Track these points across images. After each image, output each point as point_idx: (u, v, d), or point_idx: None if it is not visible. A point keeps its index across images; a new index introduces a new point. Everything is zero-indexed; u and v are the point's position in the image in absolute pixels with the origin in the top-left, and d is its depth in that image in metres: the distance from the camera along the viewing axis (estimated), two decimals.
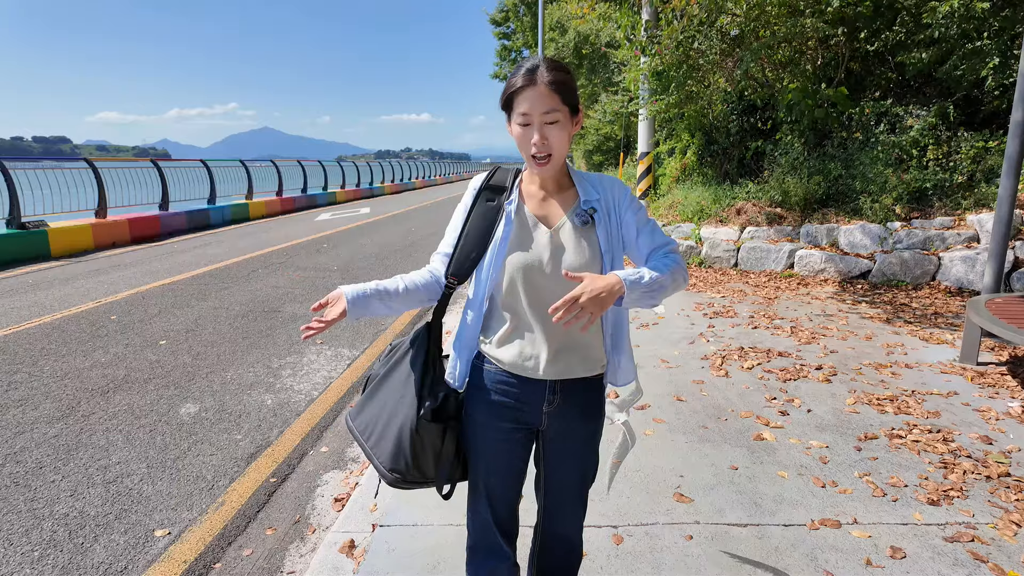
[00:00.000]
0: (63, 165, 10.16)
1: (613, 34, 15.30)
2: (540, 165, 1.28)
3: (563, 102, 1.24)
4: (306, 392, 3.75)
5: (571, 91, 1.26)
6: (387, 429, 1.38)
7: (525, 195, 1.38)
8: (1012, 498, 2.40)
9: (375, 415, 1.43)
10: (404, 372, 1.41)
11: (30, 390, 3.66)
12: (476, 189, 1.41)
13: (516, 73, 1.27)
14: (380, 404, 1.43)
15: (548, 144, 1.25)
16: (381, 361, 1.50)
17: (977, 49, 6.39)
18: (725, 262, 7.43)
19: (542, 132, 1.24)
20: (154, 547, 2.28)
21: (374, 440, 1.41)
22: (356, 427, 1.47)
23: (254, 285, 6.63)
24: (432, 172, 38.71)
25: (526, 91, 1.23)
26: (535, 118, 1.24)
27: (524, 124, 1.25)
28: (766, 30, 6.82)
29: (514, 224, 1.33)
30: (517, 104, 1.25)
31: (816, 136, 7.83)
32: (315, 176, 19.32)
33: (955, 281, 6.00)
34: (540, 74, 1.23)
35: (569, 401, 1.38)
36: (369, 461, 1.43)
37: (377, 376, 1.47)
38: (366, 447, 1.43)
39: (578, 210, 1.33)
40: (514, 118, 1.27)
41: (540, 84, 1.22)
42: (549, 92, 1.22)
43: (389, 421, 1.39)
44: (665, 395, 3.49)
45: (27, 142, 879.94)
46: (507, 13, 29.39)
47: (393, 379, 1.43)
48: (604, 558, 2.07)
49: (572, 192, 1.37)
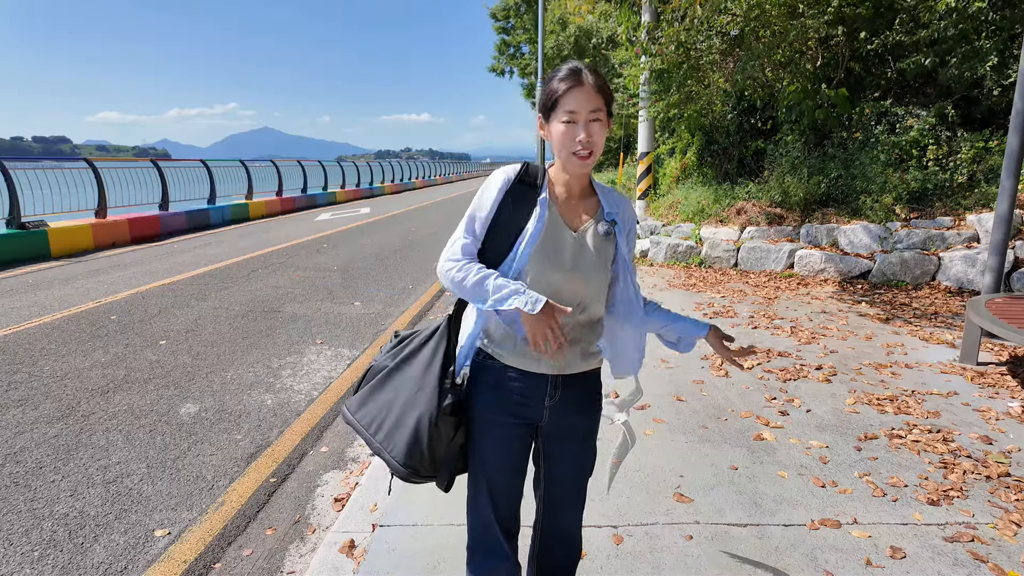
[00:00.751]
0: (63, 165, 10.16)
1: (613, 29, 15.29)
2: (583, 159, 1.31)
3: (604, 103, 1.30)
4: (306, 392, 3.75)
5: (610, 94, 1.33)
6: (401, 422, 1.37)
7: (552, 196, 1.40)
8: (1012, 498, 2.40)
9: (383, 408, 1.41)
10: (422, 364, 1.39)
11: (30, 390, 3.66)
12: (507, 181, 1.39)
13: (558, 77, 1.31)
14: (388, 397, 1.41)
15: (592, 141, 1.29)
16: (387, 353, 1.48)
17: (975, 49, 6.39)
18: (725, 262, 7.43)
19: (588, 129, 1.28)
20: (154, 547, 2.27)
21: (384, 434, 1.39)
22: (359, 420, 1.44)
23: (254, 285, 6.63)
24: (432, 172, 38.73)
25: (574, 91, 1.28)
26: (582, 116, 1.28)
27: (570, 122, 1.29)
28: (766, 30, 6.82)
29: (545, 222, 1.36)
30: (563, 103, 1.29)
31: (816, 136, 7.83)
32: (315, 176, 19.32)
33: (955, 281, 6.00)
34: (585, 76, 1.29)
35: (568, 395, 1.40)
36: (378, 455, 1.39)
37: (385, 368, 1.45)
38: (373, 441, 1.40)
39: (602, 219, 1.39)
40: (557, 117, 1.30)
41: (587, 85, 1.28)
42: (595, 93, 1.28)
43: (403, 415, 1.37)
44: (665, 395, 3.49)
45: (27, 142, 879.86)
46: (508, 11, 29.39)
47: (408, 371, 1.41)
48: (604, 558, 2.07)
49: (594, 200, 1.42)
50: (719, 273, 7.13)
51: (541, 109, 1.36)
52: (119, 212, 10.62)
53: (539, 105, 1.37)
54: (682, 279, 6.86)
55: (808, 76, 7.68)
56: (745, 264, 7.28)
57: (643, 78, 8.48)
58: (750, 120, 8.70)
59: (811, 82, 7.60)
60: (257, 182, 15.43)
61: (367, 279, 7.12)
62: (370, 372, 1.49)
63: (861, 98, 7.65)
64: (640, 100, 8.75)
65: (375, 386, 1.45)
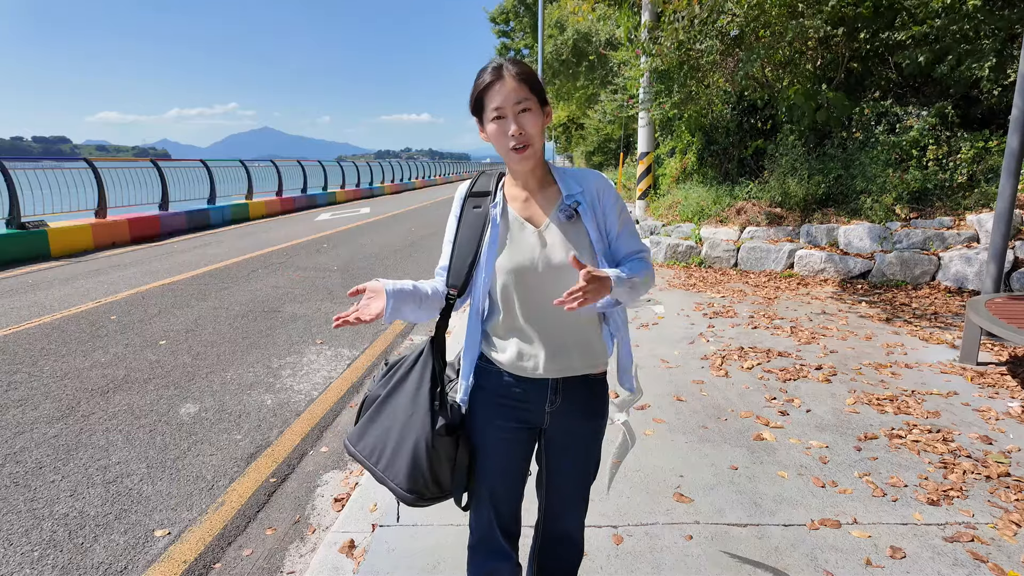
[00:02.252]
0: (63, 165, 10.16)
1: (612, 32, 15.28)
2: (520, 154, 1.28)
3: (531, 91, 1.27)
4: (306, 392, 3.75)
5: (537, 82, 1.30)
6: (399, 449, 1.36)
7: (509, 197, 1.39)
8: (1012, 498, 2.40)
9: (380, 437, 1.40)
10: (410, 390, 1.38)
11: (30, 390, 3.66)
12: (461, 198, 1.41)
13: (480, 77, 1.29)
14: (385, 425, 1.40)
15: (525, 133, 1.27)
16: (379, 382, 1.46)
17: (974, 49, 6.39)
18: (725, 262, 7.43)
19: (518, 121, 1.26)
20: (154, 547, 2.28)
21: (384, 463, 1.38)
22: (360, 451, 1.43)
23: (254, 285, 6.63)
24: (432, 172, 38.71)
25: (495, 86, 1.26)
26: (508, 109, 1.26)
27: (498, 118, 1.27)
28: (766, 30, 6.82)
29: (500, 227, 1.34)
30: (488, 100, 1.27)
31: (816, 136, 7.83)
32: (315, 176, 19.32)
33: (955, 281, 5.99)
34: (506, 68, 1.27)
35: (571, 399, 1.39)
36: (382, 484, 1.38)
37: (378, 397, 1.43)
38: (376, 471, 1.39)
39: (562, 206, 1.34)
40: (487, 116, 1.29)
41: (507, 77, 1.26)
42: (518, 83, 1.26)
43: (401, 441, 1.36)
44: (665, 395, 3.49)
45: (27, 142, 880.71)
46: (507, 15, 29.40)
47: (397, 399, 1.40)
48: (604, 558, 2.07)
49: (555, 189, 1.38)
50: (719, 273, 7.13)
51: (473, 113, 1.33)
52: (119, 212, 10.63)
53: (471, 109, 1.34)
54: (682, 279, 6.86)
55: (808, 76, 7.68)
56: (745, 264, 7.28)
57: (643, 78, 8.48)
58: (750, 120, 8.70)
59: (811, 82, 7.60)
60: (257, 182, 15.43)
61: (367, 279, 7.11)
62: (365, 403, 1.47)
63: (861, 98, 7.65)
64: (640, 101, 8.75)
65: (371, 416, 1.44)
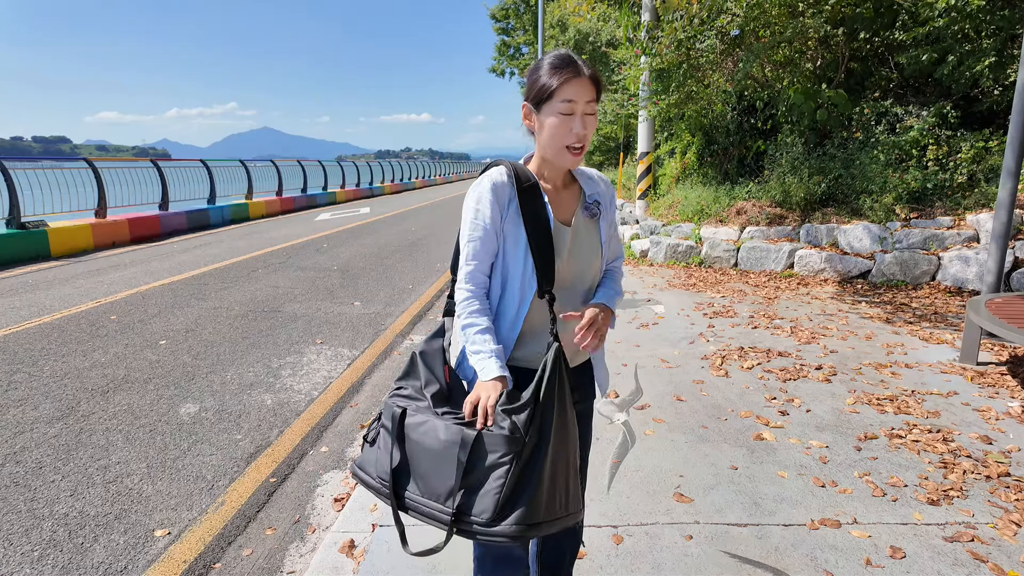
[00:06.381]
0: (63, 165, 10.16)
1: (613, 32, 15.28)
2: (576, 155, 1.27)
3: (597, 95, 1.26)
4: (306, 392, 3.75)
5: (602, 86, 1.28)
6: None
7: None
8: (1012, 498, 2.40)
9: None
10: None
11: (30, 390, 3.66)
12: (512, 194, 1.29)
13: (553, 66, 1.23)
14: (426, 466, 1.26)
15: (586, 135, 1.25)
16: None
17: (974, 49, 6.39)
18: (725, 262, 7.43)
19: (584, 121, 1.23)
20: (154, 547, 2.27)
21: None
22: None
23: (254, 285, 6.63)
24: (432, 172, 38.71)
25: (573, 82, 1.22)
26: (580, 106, 1.22)
27: (567, 113, 1.22)
28: (766, 30, 6.82)
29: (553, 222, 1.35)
30: (561, 93, 1.21)
31: (816, 136, 7.83)
32: (315, 176, 19.32)
33: (955, 281, 6.00)
34: (582, 67, 1.23)
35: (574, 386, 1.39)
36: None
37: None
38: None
39: (586, 203, 1.37)
40: (553, 108, 1.23)
41: (584, 76, 1.23)
42: (591, 84, 1.24)
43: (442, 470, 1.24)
44: (665, 395, 3.49)
45: (27, 142, 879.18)
46: (507, 12, 29.40)
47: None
48: (604, 558, 2.07)
49: (576, 187, 1.40)
50: (719, 273, 7.13)
51: (533, 99, 1.27)
52: (119, 212, 10.63)
53: (530, 95, 1.27)
54: (682, 279, 6.86)
55: (808, 76, 7.68)
56: (745, 264, 7.28)
57: (643, 78, 8.48)
58: (750, 120, 8.70)
59: (811, 82, 7.60)
60: (257, 182, 15.43)
61: (367, 279, 7.12)
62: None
63: (861, 98, 7.65)
64: (640, 100, 8.75)
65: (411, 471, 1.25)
